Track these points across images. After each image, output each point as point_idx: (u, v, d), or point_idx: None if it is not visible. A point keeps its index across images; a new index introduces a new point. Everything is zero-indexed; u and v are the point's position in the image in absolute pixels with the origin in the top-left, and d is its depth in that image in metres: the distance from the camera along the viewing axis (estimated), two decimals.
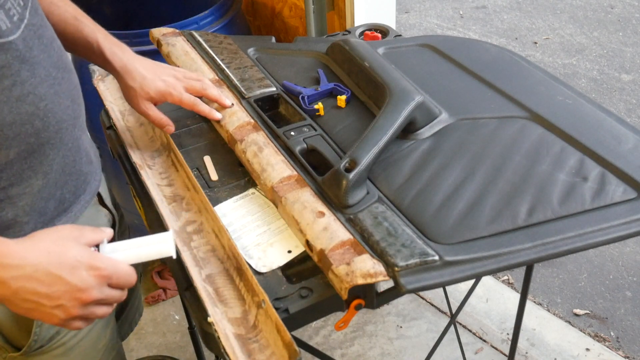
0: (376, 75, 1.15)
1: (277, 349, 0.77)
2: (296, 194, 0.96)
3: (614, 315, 2.12)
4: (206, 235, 0.96)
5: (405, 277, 0.81)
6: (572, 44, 3.77)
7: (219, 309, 0.84)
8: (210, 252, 0.93)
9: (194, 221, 0.98)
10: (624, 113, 3.13)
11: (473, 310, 2.11)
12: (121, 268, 0.78)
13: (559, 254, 0.87)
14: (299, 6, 1.91)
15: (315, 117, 1.16)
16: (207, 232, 0.96)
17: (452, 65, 1.28)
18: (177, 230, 0.96)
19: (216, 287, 0.88)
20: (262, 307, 0.81)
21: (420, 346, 2.00)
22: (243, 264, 0.87)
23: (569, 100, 1.16)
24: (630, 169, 0.98)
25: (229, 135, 1.12)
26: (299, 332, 1.97)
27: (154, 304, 2.21)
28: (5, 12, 0.79)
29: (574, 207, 0.92)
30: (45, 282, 0.71)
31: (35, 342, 0.95)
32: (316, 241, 0.88)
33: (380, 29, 1.48)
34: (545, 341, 1.99)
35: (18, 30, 0.81)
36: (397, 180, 0.99)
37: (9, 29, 0.79)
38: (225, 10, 1.85)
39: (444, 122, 1.11)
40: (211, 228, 0.96)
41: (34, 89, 0.83)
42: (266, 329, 0.80)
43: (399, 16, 4.22)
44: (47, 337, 0.97)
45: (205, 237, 0.96)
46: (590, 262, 2.33)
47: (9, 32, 0.79)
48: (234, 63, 1.31)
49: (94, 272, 0.74)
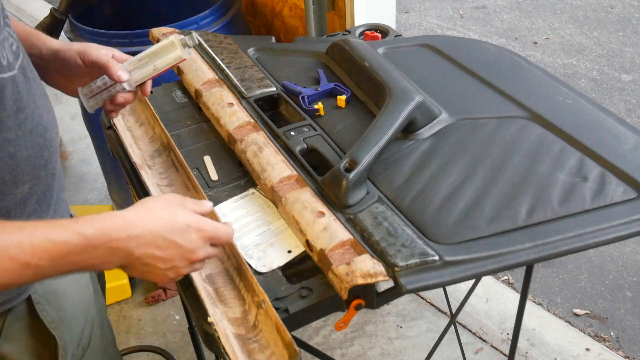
0: (376, 75, 1.14)
1: (277, 349, 0.77)
2: (296, 194, 0.96)
3: (614, 315, 2.12)
4: None
5: (405, 277, 0.81)
6: (572, 44, 3.77)
7: (219, 309, 0.84)
8: None
9: None
10: (624, 113, 3.13)
11: (473, 310, 2.11)
12: (222, 228, 0.83)
13: (559, 254, 0.87)
14: (299, 6, 1.91)
15: (315, 117, 1.16)
16: None
17: (452, 65, 1.28)
18: None
19: (216, 287, 0.87)
20: (262, 307, 0.81)
21: (420, 346, 2.00)
22: (243, 264, 0.86)
23: (569, 100, 1.16)
24: (630, 169, 0.98)
25: (229, 135, 1.12)
26: (299, 332, 1.97)
27: (154, 304, 2.21)
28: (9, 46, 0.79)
29: (574, 207, 0.92)
30: (162, 247, 0.76)
31: None
32: (316, 241, 0.88)
33: (380, 29, 1.48)
34: (545, 341, 1.99)
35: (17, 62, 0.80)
36: (397, 180, 0.99)
37: (10, 63, 0.78)
38: (225, 10, 1.85)
39: (444, 122, 1.11)
40: None
41: (40, 120, 0.84)
42: (266, 329, 0.80)
43: (399, 16, 4.22)
44: None
45: None
46: (590, 262, 2.33)
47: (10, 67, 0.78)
48: (234, 63, 1.31)
49: (201, 234, 0.80)
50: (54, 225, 0.71)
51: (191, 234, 0.79)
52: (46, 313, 0.91)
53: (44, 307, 0.91)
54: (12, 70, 0.78)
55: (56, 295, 0.93)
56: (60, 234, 0.70)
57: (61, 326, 0.93)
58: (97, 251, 0.72)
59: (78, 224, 0.71)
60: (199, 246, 0.80)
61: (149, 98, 1.28)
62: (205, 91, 1.23)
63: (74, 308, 0.97)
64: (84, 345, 0.99)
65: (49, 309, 0.92)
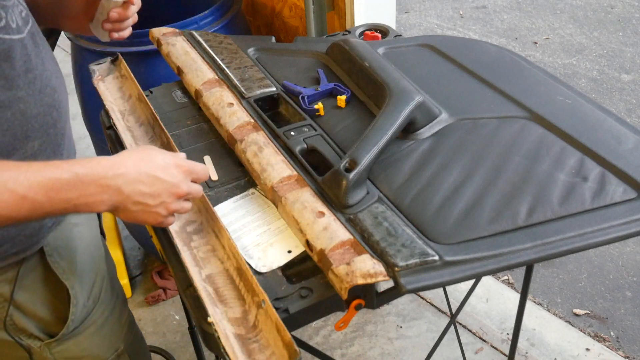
0: (376, 75, 1.14)
1: (277, 349, 0.77)
2: (296, 194, 0.96)
3: (614, 315, 2.12)
4: (206, 235, 0.96)
5: (405, 277, 0.81)
6: (572, 44, 3.77)
7: (219, 309, 0.84)
8: (210, 252, 0.93)
9: (194, 221, 0.98)
10: (624, 113, 3.13)
11: (473, 310, 2.11)
12: (197, 164, 0.90)
13: (559, 254, 0.87)
14: (299, 6, 1.91)
15: (315, 117, 1.16)
16: (207, 232, 0.96)
17: (452, 65, 1.28)
18: (177, 230, 0.96)
19: (216, 287, 0.87)
20: (262, 307, 0.81)
21: (420, 346, 2.00)
22: (243, 264, 0.86)
23: (569, 100, 1.16)
24: (630, 169, 0.98)
25: (229, 135, 1.12)
26: (299, 332, 1.97)
27: (154, 304, 2.21)
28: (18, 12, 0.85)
29: (574, 207, 0.92)
30: (147, 183, 0.82)
31: (72, 323, 1.02)
32: (316, 241, 0.88)
33: (380, 29, 1.48)
34: (545, 341, 1.99)
35: (26, 27, 0.87)
36: (397, 180, 0.99)
37: (19, 27, 0.85)
38: (225, 10, 1.85)
39: (444, 122, 1.11)
40: (211, 228, 0.96)
41: (49, 82, 0.90)
42: (266, 329, 0.80)
43: (399, 16, 4.22)
44: (81, 319, 1.03)
45: (205, 237, 0.96)
46: (590, 262, 2.33)
47: (19, 30, 0.85)
48: (234, 63, 1.31)
49: (180, 169, 0.86)
50: (48, 164, 0.78)
51: (171, 169, 0.85)
52: (57, 265, 0.98)
53: (56, 259, 0.98)
54: (21, 33, 0.85)
55: (68, 249, 1.01)
56: (53, 172, 0.76)
57: (72, 277, 1.00)
58: (88, 188, 0.78)
59: (69, 164, 0.79)
60: (181, 180, 0.86)
61: (149, 98, 1.28)
62: (205, 91, 1.23)
63: (84, 262, 1.04)
64: (94, 298, 1.07)
65: (60, 261, 0.99)
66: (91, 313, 1.06)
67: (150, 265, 2.36)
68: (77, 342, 1.04)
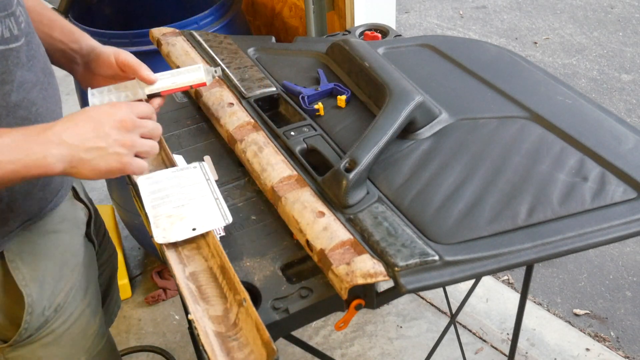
0: (376, 75, 1.14)
1: (256, 347, 0.77)
2: (296, 194, 0.96)
3: (614, 315, 2.12)
4: None
5: (405, 277, 0.81)
6: (572, 44, 3.77)
7: (200, 306, 0.84)
8: (195, 250, 0.93)
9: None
10: (624, 113, 3.13)
11: (473, 310, 2.11)
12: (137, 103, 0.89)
13: (559, 254, 0.87)
14: (299, 6, 1.91)
15: (315, 117, 1.16)
16: None
17: (452, 65, 1.28)
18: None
19: (199, 284, 0.88)
20: (243, 306, 0.81)
21: (420, 346, 2.00)
22: (226, 262, 0.86)
23: (569, 100, 1.16)
24: (630, 169, 0.98)
25: (229, 135, 1.12)
26: (299, 332, 1.97)
27: (154, 304, 2.21)
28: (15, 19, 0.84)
29: (574, 207, 0.92)
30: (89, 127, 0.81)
31: (25, 331, 0.98)
32: (316, 241, 0.88)
33: (380, 29, 1.48)
34: (545, 341, 1.99)
35: (23, 36, 0.85)
36: (397, 180, 0.99)
37: (15, 36, 0.83)
38: (225, 10, 1.85)
39: (444, 122, 1.11)
40: None
41: (27, 94, 0.88)
42: (246, 328, 0.80)
43: (399, 16, 4.22)
44: (36, 326, 0.99)
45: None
46: (590, 262, 2.33)
47: (15, 39, 0.83)
48: (234, 63, 1.31)
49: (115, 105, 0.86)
50: None
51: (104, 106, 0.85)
52: (18, 271, 0.96)
53: (17, 265, 0.96)
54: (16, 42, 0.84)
55: (34, 255, 0.98)
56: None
57: (32, 284, 0.97)
58: (31, 147, 0.77)
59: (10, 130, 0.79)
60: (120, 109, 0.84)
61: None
62: (205, 91, 1.23)
63: (51, 270, 1.01)
64: (56, 307, 1.02)
65: (21, 267, 0.96)
66: (50, 322, 1.01)
67: (150, 265, 2.36)
68: (31, 349, 1.01)
